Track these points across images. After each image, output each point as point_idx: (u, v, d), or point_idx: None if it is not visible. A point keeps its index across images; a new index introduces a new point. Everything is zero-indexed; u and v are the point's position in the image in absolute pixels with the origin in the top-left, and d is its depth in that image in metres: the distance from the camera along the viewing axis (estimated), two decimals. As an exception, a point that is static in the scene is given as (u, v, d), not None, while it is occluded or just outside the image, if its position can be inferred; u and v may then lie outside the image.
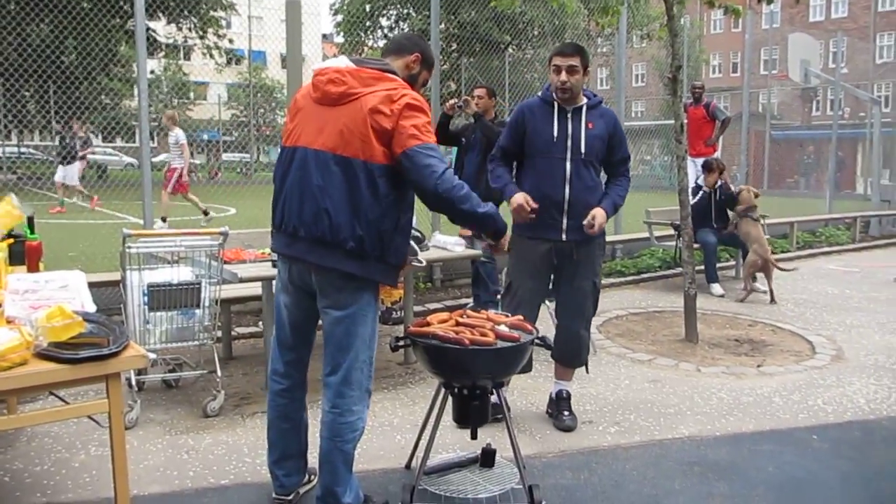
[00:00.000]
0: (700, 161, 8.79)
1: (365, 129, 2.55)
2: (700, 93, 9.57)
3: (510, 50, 23.58)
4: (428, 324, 2.96)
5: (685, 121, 6.02)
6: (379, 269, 2.68)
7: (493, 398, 2.97)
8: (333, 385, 2.72)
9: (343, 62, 2.70)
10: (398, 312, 5.66)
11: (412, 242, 3.39)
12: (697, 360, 5.21)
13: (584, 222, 3.66)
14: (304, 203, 2.63)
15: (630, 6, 9.74)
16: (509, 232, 2.89)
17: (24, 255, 3.47)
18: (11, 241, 3.44)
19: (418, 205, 2.80)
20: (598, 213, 3.67)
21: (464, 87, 17.41)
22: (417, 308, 6.01)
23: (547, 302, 4.63)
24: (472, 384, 2.84)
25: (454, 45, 22.80)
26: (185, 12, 21.53)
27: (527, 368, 3.45)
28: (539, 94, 3.94)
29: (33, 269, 3.45)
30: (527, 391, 4.44)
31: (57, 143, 15.38)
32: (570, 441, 3.75)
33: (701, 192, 7.88)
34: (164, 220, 11.31)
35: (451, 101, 6.00)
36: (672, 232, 8.06)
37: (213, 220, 11.91)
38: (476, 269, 6.37)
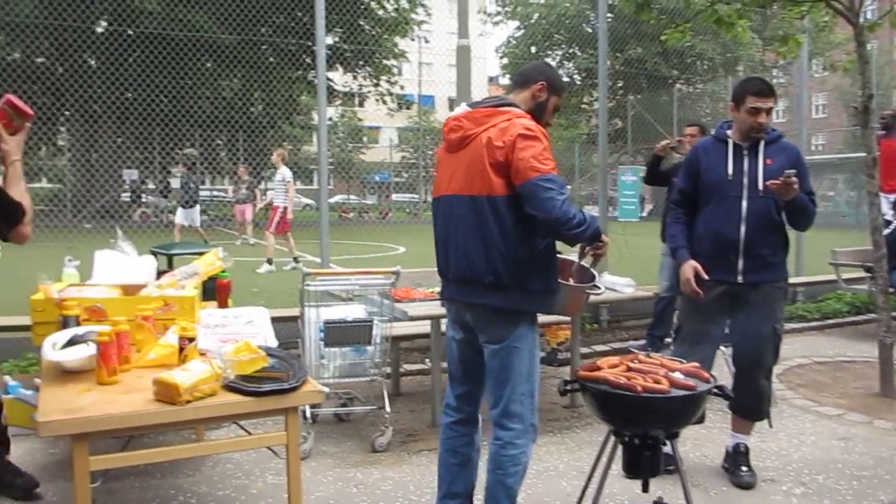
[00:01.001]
0: (893, 197, 8.05)
1: (483, 165, 2.66)
2: (892, 122, 8.79)
3: (678, 85, 22.95)
4: (598, 368, 2.87)
5: (877, 154, 5.54)
6: (524, 298, 2.73)
7: (666, 448, 2.83)
8: (495, 418, 2.80)
9: (461, 108, 2.85)
10: (564, 354, 5.58)
11: (591, 268, 3.34)
12: (896, 418, 4.71)
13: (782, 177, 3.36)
14: (449, 246, 2.81)
15: (811, 34, 9.17)
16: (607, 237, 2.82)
17: (215, 291, 3.75)
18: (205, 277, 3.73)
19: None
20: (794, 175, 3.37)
21: (630, 125, 17.10)
22: (583, 350, 5.89)
23: (723, 348, 4.38)
24: (643, 433, 2.71)
25: (620, 83, 22.52)
26: (361, 62, 22.79)
27: (700, 419, 3.26)
28: (713, 131, 3.79)
29: (223, 304, 3.72)
30: (700, 442, 4.20)
31: (179, 186, 15.54)
32: (750, 500, 3.49)
33: (893, 226, 7.19)
34: (269, 262, 11.46)
35: (664, 142, 5.97)
36: (863, 274, 7.41)
37: (298, 267, 11.52)
38: (663, 308, 6.12)
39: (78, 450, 2.20)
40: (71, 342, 2.74)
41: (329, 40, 20.18)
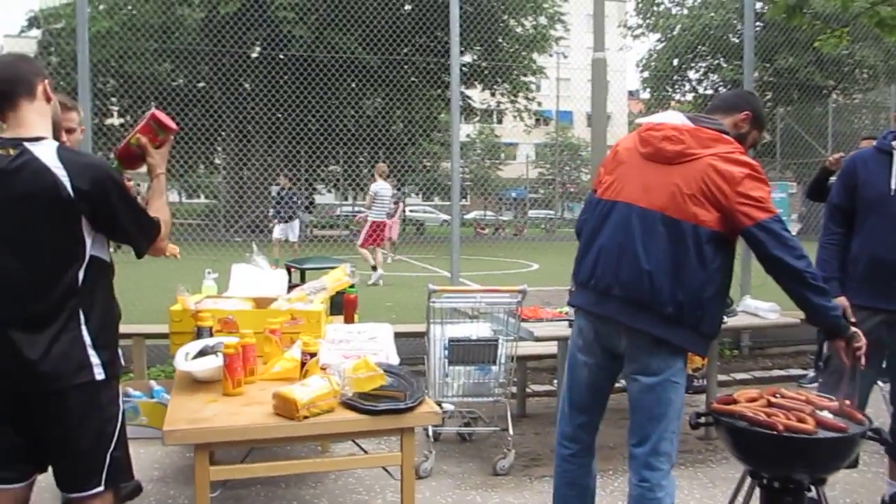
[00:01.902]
0: None
1: (700, 192, 2.45)
2: None
3: (833, 95, 21.48)
4: (734, 401, 2.65)
5: None
6: (692, 337, 2.53)
7: (811, 494, 2.57)
8: (641, 457, 2.58)
9: (678, 119, 2.61)
10: (700, 381, 5.27)
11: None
12: None
13: None
14: (623, 261, 2.53)
15: None
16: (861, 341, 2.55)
17: (342, 306, 3.81)
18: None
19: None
20: None
21: (778, 139, 16.16)
22: (722, 377, 5.55)
23: (880, 383, 3.98)
24: (784, 477, 2.47)
25: (769, 94, 21.39)
26: (499, 79, 22.92)
27: (852, 462, 2.94)
28: (874, 143, 3.46)
29: (349, 320, 3.76)
30: (851, 488, 3.82)
31: (274, 195, 14.08)
32: (912, 555, 3.12)
33: None
34: (374, 269, 11.40)
35: (837, 155, 5.58)
36: None
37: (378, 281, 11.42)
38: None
39: (199, 459, 2.27)
40: (202, 353, 2.84)
41: (467, 58, 20.49)
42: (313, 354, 2.75)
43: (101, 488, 2.18)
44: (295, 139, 17.15)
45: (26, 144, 2.08)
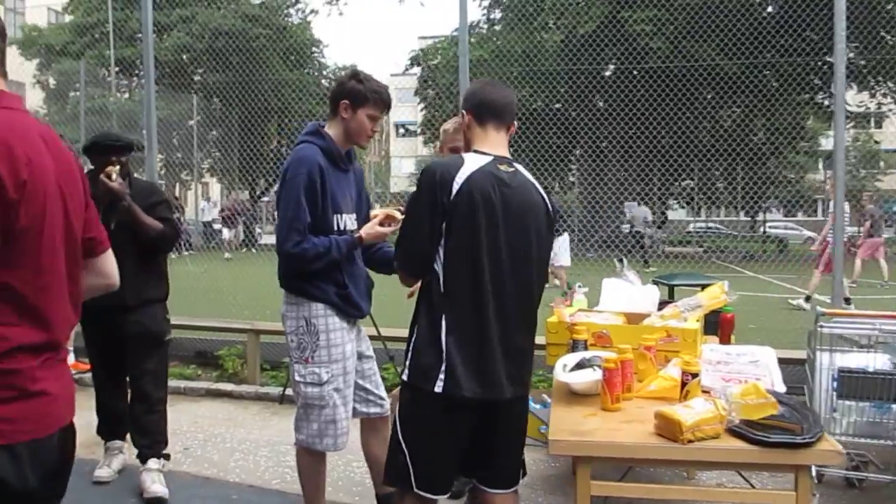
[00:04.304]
0: None
1: None
2: None
3: None
4: None
5: None
6: None
7: None
8: None
9: None
10: None
11: None
12: None
13: None
14: None
15: None
16: None
17: (717, 325, 3.61)
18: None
19: None
20: None
21: None
22: None
23: None
24: None
25: None
26: (880, 78, 20.25)
27: None
28: None
29: (725, 340, 3.56)
30: None
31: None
32: None
33: None
34: (807, 299, 10.36)
35: None
36: None
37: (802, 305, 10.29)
38: None
39: (581, 472, 2.29)
40: (579, 365, 2.89)
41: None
42: (695, 375, 2.63)
43: (523, 479, 2.53)
44: (648, 154, 16.98)
45: (515, 164, 2.38)
